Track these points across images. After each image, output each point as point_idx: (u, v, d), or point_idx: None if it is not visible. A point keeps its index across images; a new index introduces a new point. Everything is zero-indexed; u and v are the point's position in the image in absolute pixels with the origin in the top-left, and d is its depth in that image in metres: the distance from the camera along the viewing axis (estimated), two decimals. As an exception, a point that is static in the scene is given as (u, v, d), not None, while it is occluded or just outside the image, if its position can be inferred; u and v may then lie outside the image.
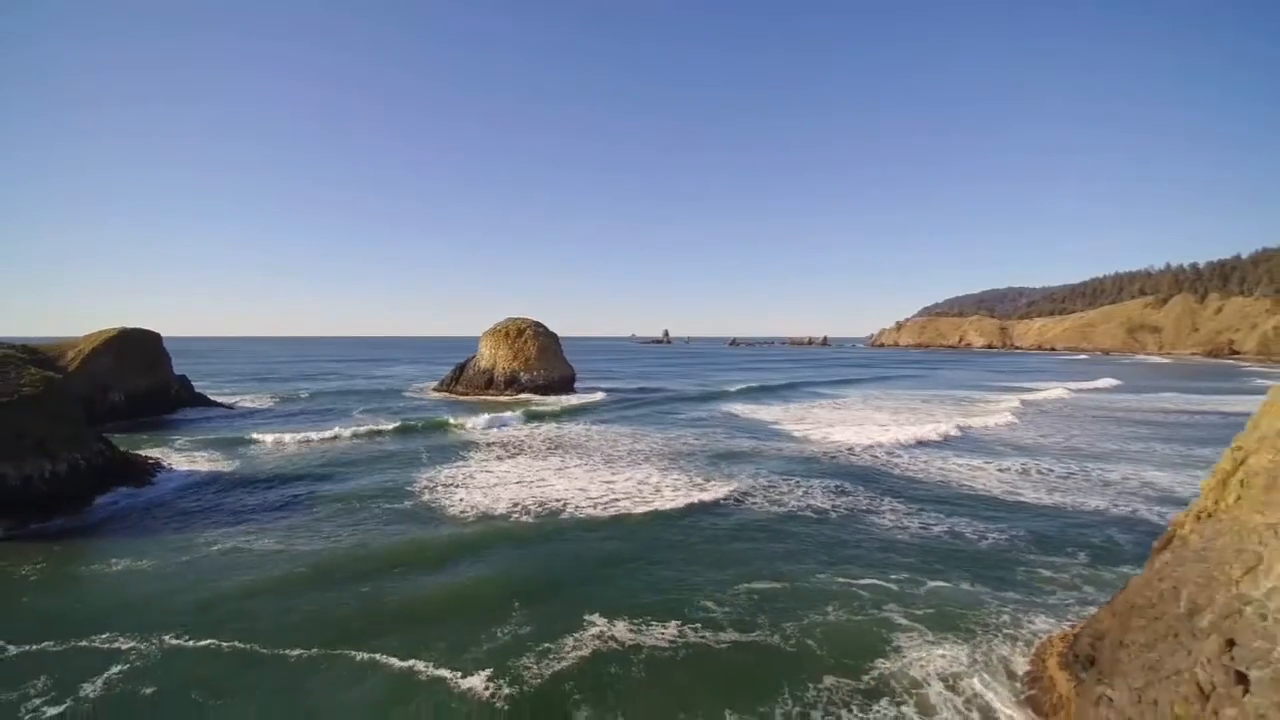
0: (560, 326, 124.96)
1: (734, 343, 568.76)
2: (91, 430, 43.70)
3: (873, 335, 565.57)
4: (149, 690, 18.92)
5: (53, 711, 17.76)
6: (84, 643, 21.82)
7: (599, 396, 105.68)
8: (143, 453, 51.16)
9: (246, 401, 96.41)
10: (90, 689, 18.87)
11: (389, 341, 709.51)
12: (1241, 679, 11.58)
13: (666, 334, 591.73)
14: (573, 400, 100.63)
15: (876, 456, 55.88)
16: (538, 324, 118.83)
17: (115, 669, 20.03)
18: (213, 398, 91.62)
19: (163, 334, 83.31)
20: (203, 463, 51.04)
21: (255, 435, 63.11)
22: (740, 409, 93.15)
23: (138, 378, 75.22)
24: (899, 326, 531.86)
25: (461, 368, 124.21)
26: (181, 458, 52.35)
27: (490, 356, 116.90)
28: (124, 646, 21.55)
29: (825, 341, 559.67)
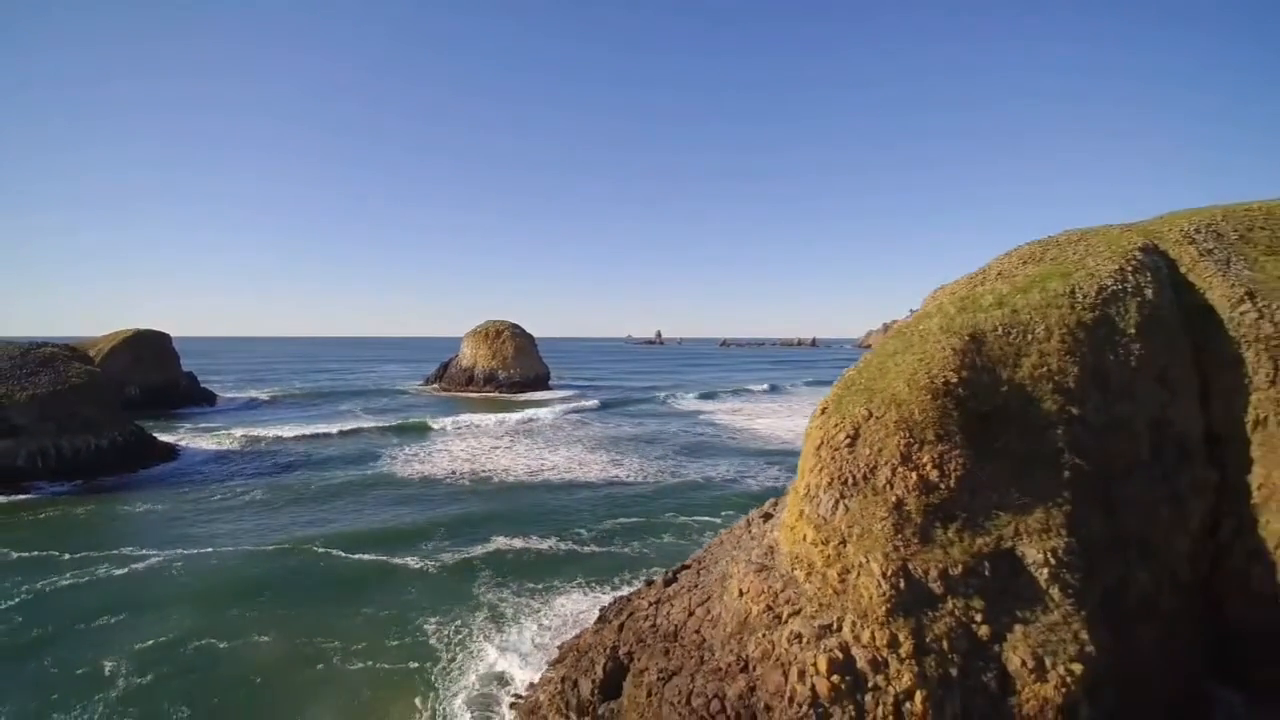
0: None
1: (725, 344, 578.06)
2: (125, 414, 53.71)
3: (862, 337, 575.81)
4: (177, 564, 29.35)
5: (119, 571, 28.27)
6: (123, 550, 31.75)
7: (567, 393, 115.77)
8: (160, 438, 61.08)
9: (247, 396, 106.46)
10: (138, 566, 29.23)
11: (385, 342, 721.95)
12: (768, 515, 21.56)
13: (659, 335, 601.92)
14: (542, 395, 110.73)
15: (776, 439, 66.00)
16: (515, 326, 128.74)
17: (150, 560, 30.23)
18: (217, 393, 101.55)
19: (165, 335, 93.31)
20: (211, 446, 60.98)
21: (256, 424, 73.21)
22: (687, 403, 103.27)
23: (151, 373, 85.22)
24: (885, 328, 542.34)
25: (445, 366, 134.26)
26: (193, 443, 62.27)
27: (471, 356, 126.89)
28: (152, 550, 31.65)
29: (814, 343, 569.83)
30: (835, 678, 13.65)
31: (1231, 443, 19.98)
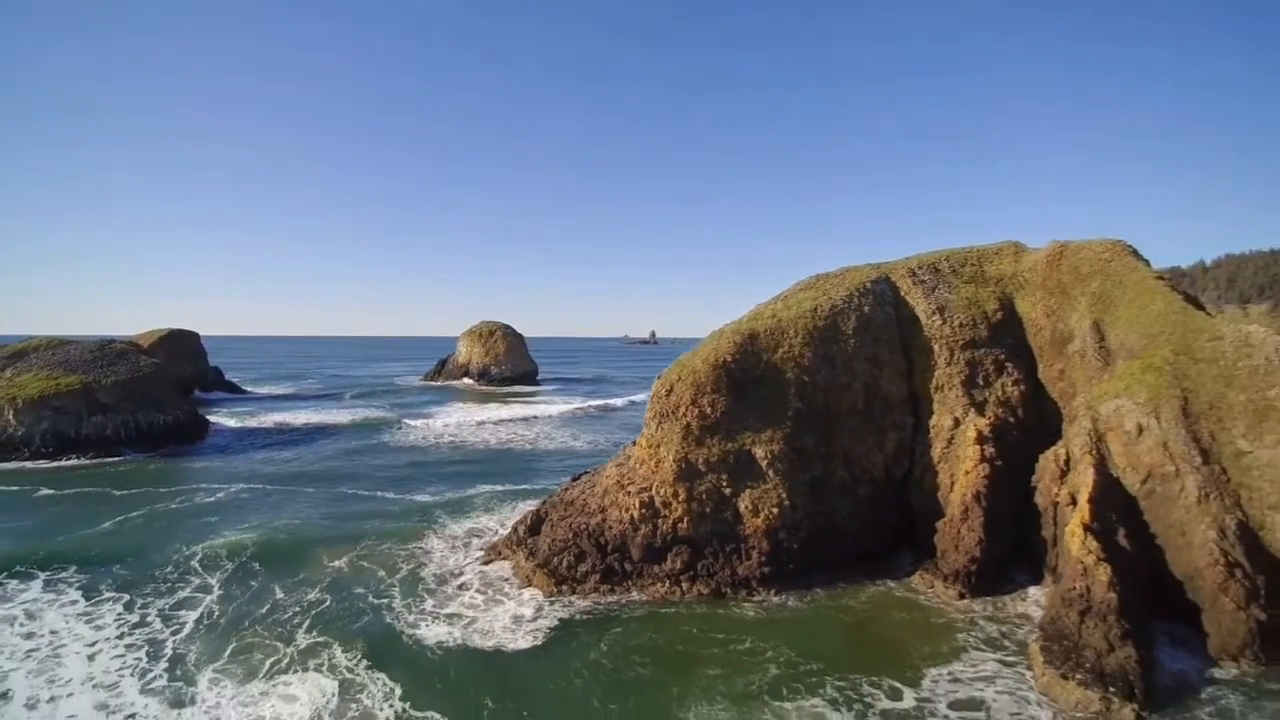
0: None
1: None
2: (181, 398, 66.18)
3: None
4: (245, 496, 41.84)
5: (208, 499, 40.70)
6: (204, 486, 44.07)
7: (552, 387, 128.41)
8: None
9: (266, 388, 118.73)
10: (219, 495, 41.71)
11: (387, 341, 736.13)
12: (636, 442, 34.18)
13: (653, 334, 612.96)
14: (530, 389, 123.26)
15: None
16: (506, 326, 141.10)
17: (228, 490, 42.68)
18: (241, 385, 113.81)
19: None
20: (249, 426, 73.30)
21: (281, 410, 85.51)
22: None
23: (184, 367, 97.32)
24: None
25: (443, 362, 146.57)
26: (233, 424, 74.69)
27: (466, 353, 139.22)
28: (226, 486, 44.05)
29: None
30: (642, 509, 26.30)
31: (923, 400, 32.69)
